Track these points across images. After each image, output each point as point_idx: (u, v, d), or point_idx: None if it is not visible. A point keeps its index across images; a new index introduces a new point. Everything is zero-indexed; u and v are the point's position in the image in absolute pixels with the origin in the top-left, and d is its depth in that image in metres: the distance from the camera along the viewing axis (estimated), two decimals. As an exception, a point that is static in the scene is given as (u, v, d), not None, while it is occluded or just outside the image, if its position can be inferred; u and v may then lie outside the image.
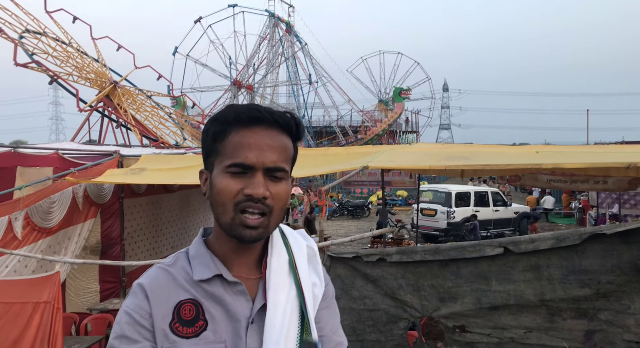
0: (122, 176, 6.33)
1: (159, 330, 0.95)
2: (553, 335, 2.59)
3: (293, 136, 1.04)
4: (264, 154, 0.97)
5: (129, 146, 15.51)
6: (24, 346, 3.13)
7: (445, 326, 2.97)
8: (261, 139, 0.97)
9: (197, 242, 1.08)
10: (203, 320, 0.97)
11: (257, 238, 0.98)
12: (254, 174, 0.97)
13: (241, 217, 0.96)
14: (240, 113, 0.99)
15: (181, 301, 0.98)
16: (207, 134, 1.02)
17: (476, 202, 15.44)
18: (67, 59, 22.05)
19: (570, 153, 6.21)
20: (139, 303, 0.98)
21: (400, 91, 44.04)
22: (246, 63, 45.40)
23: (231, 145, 0.98)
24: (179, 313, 0.97)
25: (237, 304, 0.99)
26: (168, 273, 1.02)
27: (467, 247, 2.81)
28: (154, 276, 1.02)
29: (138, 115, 24.31)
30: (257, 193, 0.95)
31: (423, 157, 6.68)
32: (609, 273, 2.35)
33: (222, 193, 0.97)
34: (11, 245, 5.01)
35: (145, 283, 1.01)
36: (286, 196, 1.00)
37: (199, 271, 1.00)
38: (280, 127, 1.00)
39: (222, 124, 0.99)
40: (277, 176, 0.99)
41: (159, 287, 0.99)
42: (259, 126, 0.98)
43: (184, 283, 1.00)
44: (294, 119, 1.03)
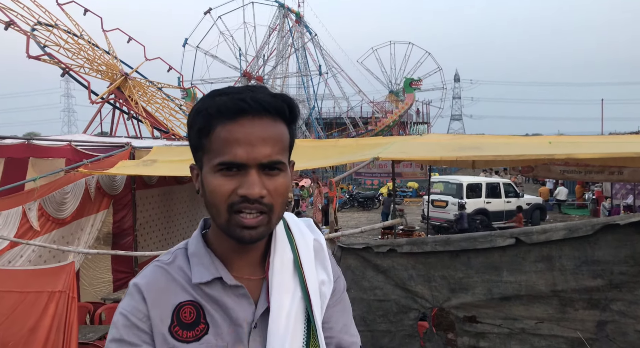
0: (134, 168, 6.39)
1: (157, 333, 0.89)
2: (565, 326, 2.57)
3: (287, 120, 0.93)
4: (255, 149, 0.87)
5: (140, 138, 15.62)
6: (41, 334, 3.19)
7: (455, 316, 2.97)
8: (250, 132, 0.87)
9: (197, 238, 1.00)
10: (204, 324, 0.91)
11: (257, 238, 0.90)
12: (247, 171, 0.87)
13: (237, 219, 0.87)
14: (222, 105, 0.87)
15: (181, 303, 0.91)
16: (192, 128, 0.92)
17: (488, 193, 15.34)
18: (79, 51, 22.21)
19: (584, 143, 6.13)
20: (135, 304, 0.91)
21: (411, 82, 43.71)
22: (256, 54, 45.37)
23: (218, 141, 0.88)
24: (178, 316, 0.91)
25: (239, 308, 0.93)
26: (166, 272, 0.95)
27: (478, 238, 2.80)
28: (151, 275, 0.95)
29: (149, 107, 24.45)
30: (252, 193, 0.86)
31: (434, 147, 6.64)
32: (622, 264, 2.33)
33: (214, 194, 0.88)
34: (27, 235, 5.09)
35: (141, 283, 0.94)
36: (286, 190, 0.92)
37: (198, 273, 0.93)
38: (270, 115, 0.89)
39: (206, 117, 0.89)
40: (274, 169, 0.89)
41: (157, 288, 0.92)
42: (246, 117, 0.87)
43: (183, 283, 0.93)
44: (285, 101, 0.92)
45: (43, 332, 3.23)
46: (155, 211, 8.08)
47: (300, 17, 44.88)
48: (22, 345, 3.21)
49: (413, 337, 3.13)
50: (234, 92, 0.90)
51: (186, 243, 1.01)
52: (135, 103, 22.80)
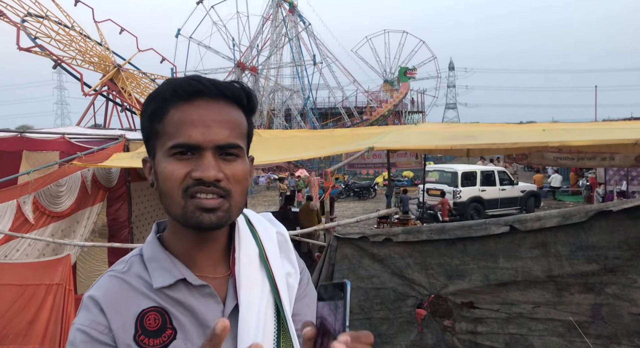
0: (128, 160, 6.37)
1: (122, 345, 0.83)
2: (561, 309, 2.61)
3: (245, 109, 0.90)
4: (210, 130, 0.83)
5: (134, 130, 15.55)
6: (39, 326, 3.21)
7: (453, 303, 3.00)
8: (206, 113, 0.84)
9: (152, 242, 0.93)
10: (171, 329, 0.85)
11: (217, 223, 0.84)
12: (202, 154, 0.83)
13: (194, 202, 0.83)
14: (178, 86, 0.85)
15: (144, 310, 0.85)
16: (144, 115, 0.88)
17: (482, 181, 15.42)
18: (70, 42, 22.00)
19: (577, 130, 6.16)
20: (94, 318, 0.84)
21: (406, 71, 43.63)
22: (249, 44, 45.07)
23: (172, 124, 0.84)
24: (142, 323, 0.84)
25: (206, 308, 0.88)
26: (123, 281, 0.88)
27: (473, 226, 2.82)
28: (107, 285, 0.88)
29: (142, 99, 24.30)
30: (208, 176, 0.82)
31: (429, 137, 6.66)
32: (616, 249, 2.36)
33: (168, 180, 0.84)
34: (22, 229, 5.08)
35: (97, 295, 0.86)
36: (244, 176, 0.87)
37: (158, 277, 0.87)
38: (227, 99, 0.87)
39: (160, 101, 0.85)
40: (231, 154, 0.86)
41: (115, 298, 0.86)
42: (202, 99, 0.84)
43: (144, 290, 0.87)
44: (243, 89, 0.89)
45: (42, 324, 3.24)
46: (150, 203, 8.07)
47: (293, 7, 44.56)
48: (22, 337, 3.23)
49: (411, 323, 3.16)
50: (191, 77, 0.87)
51: (140, 250, 0.94)
52: (128, 95, 22.67)
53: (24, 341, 3.21)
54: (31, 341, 3.20)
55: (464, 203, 14.86)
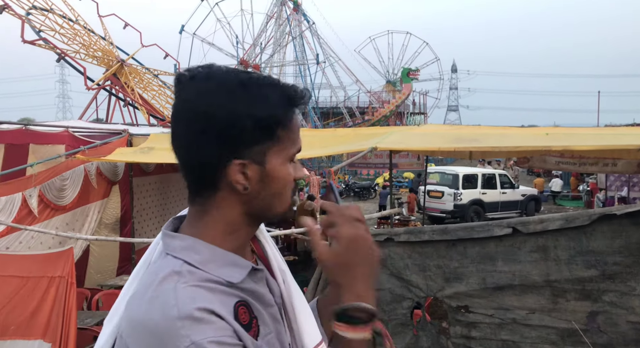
0: (131, 155, 6.39)
1: (247, 341, 0.79)
2: (555, 317, 2.62)
3: None
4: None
5: (136, 125, 15.56)
6: (41, 318, 3.23)
7: (449, 306, 3.01)
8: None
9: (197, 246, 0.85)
10: (254, 318, 0.85)
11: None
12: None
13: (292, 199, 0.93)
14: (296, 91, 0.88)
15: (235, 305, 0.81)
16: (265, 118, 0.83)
17: (483, 184, 15.42)
18: (74, 36, 22.02)
19: (580, 135, 6.17)
20: (218, 325, 0.76)
21: (409, 72, 43.54)
22: (253, 42, 45.02)
23: (294, 129, 0.88)
24: (239, 320, 0.81)
25: (265, 290, 0.91)
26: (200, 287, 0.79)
27: (475, 227, 2.83)
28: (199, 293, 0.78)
29: (145, 94, 24.32)
30: (303, 175, 0.94)
31: (432, 138, 6.67)
32: (616, 255, 2.37)
33: (286, 183, 0.89)
34: (26, 221, 5.11)
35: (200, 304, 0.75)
36: None
37: (229, 273, 0.84)
38: None
39: (287, 103, 0.86)
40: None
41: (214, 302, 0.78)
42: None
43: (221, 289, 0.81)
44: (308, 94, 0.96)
45: (44, 316, 3.26)
46: (152, 198, 8.09)
47: (298, 5, 44.50)
48: (24, 328, 3.25)
49: (406, 326, 3.17)
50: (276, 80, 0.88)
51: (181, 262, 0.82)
52: (131, 90, 22.68)
53: (25, 333, 3.23)
54: (33, 333, 3.23)
55: (465, 205, 14.86)
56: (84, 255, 6.37)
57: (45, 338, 3.22)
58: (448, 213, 14.97)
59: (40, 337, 3.23)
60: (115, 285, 6.13)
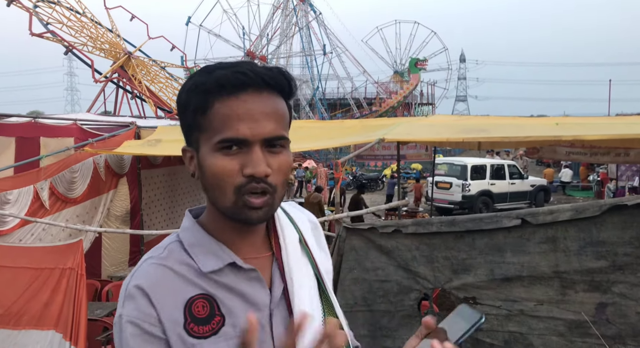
0: (139, 147, 6.41)
1: (173, 336, 0.82)
2: (564, 308, 2.60)
3: (286, 95, 0.89)
4: (258, 124, 0.83)
5: (143, 117, 15.63)
6: (54, 308, 3.30)
7: (456, 297, 3.00)
8: (252, 107, 0.83)
9: (192, 229, 0.92)
10: (219, 315, 0.85)
11: (263, 218, 0.87)
12: (250, 148, 0.83)
13: (244, 199, 0.83)
14: (223, 78, 0.83)
15: (191, 298, 0.85)
16: (186, 106, 0.86)
17: (492, 174, 15.32)
18: (82, 29, 22.07)
19: (591, 125, 6.09)
20: (143, 309, 0.82)
21: (417, 62, 43.24)
22: (259, 33, 44.88)
23: (218, 119, 0.83)
24: (191, 311, 0.84)
25: (254, 292, 0.88)
26: (167, 268, 0.86)
27: (484, 218, 2.81)
28: (152, 273, 0.85)
29: (152, 87, 24.37)
30: (259, 171, 0.82)
31: (440, 129, 6.62)
32: (627, 246, 2.34)
33: (219, 176, 0.84)
34: (37, 214, 5.17)
35: (144, 284, 0.84)
36: (288, 167, 0.88)
37: (206, 261, 0.87)
38: (271, 88, 0.85)
39: (203, 93, 0.84)
40: (277, 146, 0.86)
41: (162, 286, 0.84)
42: (247, 91, 0.83)
43: (188, 277, 0.86)
44: (284, 75, 0.88)
45: (56, 307, 3.32)
46: (160, 191, 8.14)
47: (304, -5, 44.24)
48: (37, 319, 3.30)
49: (413, 318, 3.16)
50: (231, 66, 0.86)
51: (177, 237, 0.92)
52: (138, 82, 22.73)
53: (39, 323, 3.29)
54: (46, 323, 3.28)
55: (473, 196, 14.78)
56: (97, 247, 6.44)
57: (57, 329, 3.27)
58: (456, 204, 14.91)
59: (53, 327, 3.28)
60: (124, 276, 6.19)
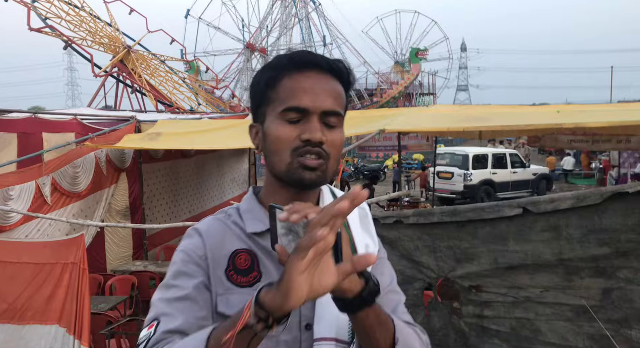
0: (139, 141, 6.41)
1: (214, 275, 0.95)
2: (570, 294, 2.60)
3: (345, 85, 1.00)
4: (319, 97, 0.93)
5: (144, 111, 15.61)
6: (57, 303, 3.31)
7: (460, 286, 3.01)
8: (315, 83, 0.94)
9: (249, 198, 1.06)
10: (257, 272, 0.96)
11: (316, 181, 0.94)
12: (309, 118, 0.93)
13: (299, 160, 0.92)
14: (293, 57, 0.95)
15: (237, 250, 0.97)
16: (259, 83, 0.99)
17: (494, 164, 15.28)
18: (80, 23, 21.97)
19: (592, 112, 6.06)
20: (196, 244, 0.98)
21: (417, 52, 43.00)
22: (259, 25, 44.64)
23: (285, 90, 0.94)
24: (234, 261, 0.96)
25: None
26: (223, 223, 1.02)
27: (485, 208, 2.80)
28: (210, 223, 1.02)
29: (152, 81, 24.30)
30: (315, 137, 0.91)
31: (441, 119, 6.59)
32: (630, 232, 2.33)
33: (279, 140, 0.94)
34: (41, 209, 5.17)
35: (201, 228, 1.01)
36: (341, 144, 0.97)
37: (251, 224, 0.99)
38: (334, 73, 0.97)
39: (275, 69, 0.96)
40: (332, 122, 0.95)
41: (215, 234, 0.99)
42: (313, 70, 0.95)
43: (239, 234, 0.99)
44: (345, 66, 0.99)
45: (59, 302, 3.33)
46: (162, 185, 8.14)
47: (303, -14, 43.94)
48: (40, 314, 3.32)
49: (417, 306, 3.17)
50: (303, 50, 0.99)
51: (237, 205, 1.07)
52: (138, 76, 22.67)
53: (42, 318, 3.30)
54: (49, 318, 3.30)
55: (475, 186, 14.76)
56: (101, 242, 6.46)
57: (60, 323, 3.29)
58: (458, 194, 14.89)
59: (56, 322, 3.30)
60: (127, 270, 6.21)
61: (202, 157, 9.27)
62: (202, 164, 9.41)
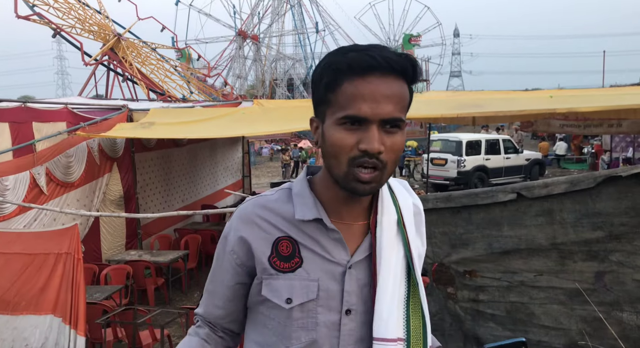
0: (132, 130, 6.35)
1: (258, 262, 1.02)
2: (563, 278, 2.63)
3: (409, 79, 0.98)
4: (379, 105, 0.91)
5: (136, 100, 15.45)
6: (51, 293, 3.30)
7: (455, 271, 3.03)
8: (376, 89, 0.91)
9: (302, 181, 1.07)
10: (299, 258, 1.00)
11: (369, 192, 0.97)
12: (368, 126, 0.92)
13: (355, 172, 0.93)
14: (354, 61, 0.92)
15: (279, 237, 1.01)
16: (320, 82, 0.97)
17: (487, 150, 15.32)
18: (69, 10, 21.63)
19: (584, 96, 6.08)
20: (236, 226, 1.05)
21: (410, 38, 42.84)
22: (251, 12, 44.17)
23: (345, 96, 0.93)
24: (277, 248, 1.01)
25: (334, 249, 1.01)
26: (269, 208, 1.05)
27: (479, 193, 2.81)
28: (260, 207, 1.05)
29: (144, 69, 24.05)
30: (373, 148, 0.91)
31: (434, 105, 6.59)
32: (623, 215, 2.35)
33: (336, 146, 0.94)
34: (38, 199, 5.13)
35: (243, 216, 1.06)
36: (401, 147, 0.97)
37: (300, 210, 1.01)
38: (396, 73, 0.94)
39: (335, 72, 0.94)
40: (393, 127, 0.94)
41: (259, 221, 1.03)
42: (374, 74, 0.92)
43: (284, 218, 1.02)
44: (409, 61, 0.96)
45: (53, 292, 3.32)
46: (155, 174, 8.10)
47: (295, -28, 43.40)
48: (34, 305, 3.31)
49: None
50: (363, 49, 0.94)
51: (290, 185, 1.08)
52: (129, 64, 22.42)
53: (36, 308, 3.30)
54: (43, 308, 3.29)
55: (468, 172, 14.80)
56: (96, 231, 6.43)
57: (55, 313, 3.29)
58: (452, 180, 14.93)
59: (51, 312, 3.29)
60: (122, 259, 6.20)
61: (195, 145, 9.22)
62: (195, 152, 9.37)
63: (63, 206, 5.49)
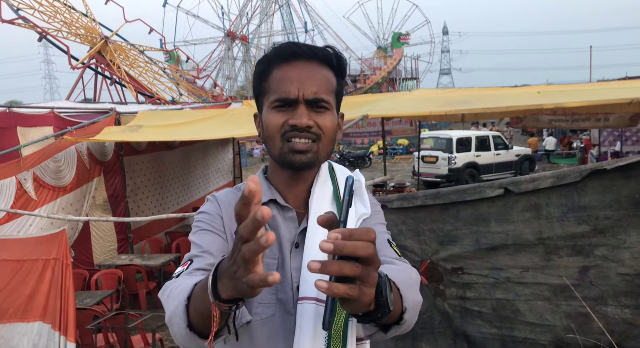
0: (120, 134, 6.30)
1: (228, 230, 1.08)
2: (548, 273, 2.64)
3: (335, 70, 1.07)
4: (304, 85, 1.00)
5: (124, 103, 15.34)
6: (39, 300, 3.27)
7: (444, 268, 3.04)
8: (301, 72, 1.01)
9: (259, 172, 1.20)
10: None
11: (307, 163, 1.03)
12: (296, 106, 1.01)
13: (289, 144, 1.01)
14: (280, 49, 1.04)
15: None
16: (255, 75, 1.09)
17: (477, 146, 15.40)
18: (55, 14, 21.42)
19: (571, 91, 6.13)
20: (214, 206, 1.12)
21: (399, 36, 42.89)
22: (239, 12, 44.01)
23: (274, 81, 1.03)
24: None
25: (286, 228, 1.07)
26: (233, 193, 1.16)
27: (467, 189, 2.82)
28: (225, 193, 1.17)
29: (132, 72, 23.89)
30: (301, 122, 0.99)
31: (423, 103, 6.61)
32: (607, 209, 2.37)
33: (270, 127, 1.03)
34: (28, 205, 5.07)
35: (218, 195, 1.16)
36: (332, 126, 1.04)
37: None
38: (320, 60, 1.04)
39: (265, 62, 1.05)
40: (320, 107, 1.02)
41: (227, 200, 1.13)
42: (299, 60, 1.02)
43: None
44: (334, 51, 1.06)
45: (42, 298, 3.28)
46: (147, 177, 8.05)
47: (283, -28, 43.32)
48: (22, 311, 3.27)
49: (402, 290, 3.20)
50: (291, 42, 1.06)
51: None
52: (117, 67, 22.26)
53: (24, 316, 3.25)
54: (32, 315, 3.25)
55: (459, 169, 14.88)
56: (87, 236, 6.39)
57: (45, 320, 3.25)
58: (443, 177, 15.00)
59: (40, 318, 3.25)
60: (113, 264, 6.16)
61: (187, 148, 9.19)
62: (187, 155, 9.33)
63: (57, 210, 5.44)
